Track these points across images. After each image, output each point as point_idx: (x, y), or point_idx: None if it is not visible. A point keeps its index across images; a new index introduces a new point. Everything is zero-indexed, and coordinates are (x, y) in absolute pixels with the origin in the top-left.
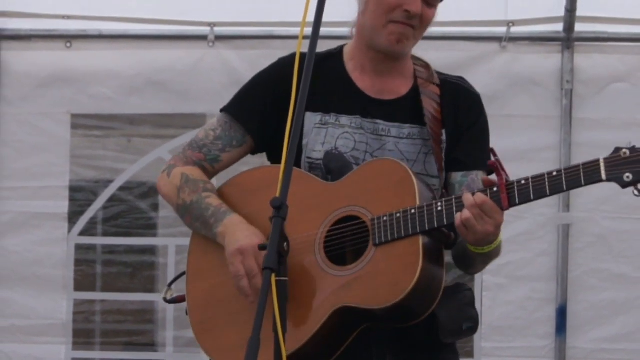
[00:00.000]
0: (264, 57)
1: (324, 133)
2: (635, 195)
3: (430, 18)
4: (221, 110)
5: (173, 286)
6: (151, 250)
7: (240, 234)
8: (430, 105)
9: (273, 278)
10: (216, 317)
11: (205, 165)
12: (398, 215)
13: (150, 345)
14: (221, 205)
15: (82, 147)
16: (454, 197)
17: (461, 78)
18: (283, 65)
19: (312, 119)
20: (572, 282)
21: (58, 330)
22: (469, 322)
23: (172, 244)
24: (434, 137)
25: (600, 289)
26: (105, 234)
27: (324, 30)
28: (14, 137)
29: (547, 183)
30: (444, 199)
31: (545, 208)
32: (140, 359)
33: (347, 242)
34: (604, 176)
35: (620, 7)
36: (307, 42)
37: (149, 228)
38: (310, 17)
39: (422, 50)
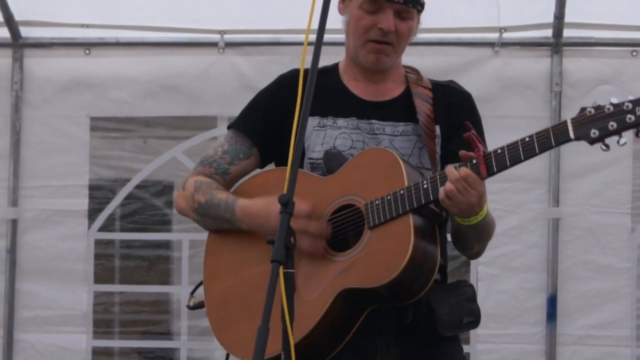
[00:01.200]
0: (271, 63)
1: (322, 134)
2: (603, 149)
3: (405, 31)
4: (228, 127)
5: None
6: (166, 244)
7: (257, 212)
8: (422, 105)
9: (281, 270)
10: (232, 314)
11: (217, 179)
12: (389, 197)
13: (166, 334)
14: (228, 196)
15: (101, 147)
16: (437, 173)
17: (451, 81)
18: (283, 81)
19: (310, 122)
20: (562, 273)
21: (79, 321)
22: (470, 317)
23: (185, 238)
24: (427, 132)
25: (588, 279)
26: (123, 229)
27: (327, 37)
28: (37, 139)
29: (520, 148)
30: (429, 177)
31: (536, 203)
32: (156, 347)
33: (345, 229)
34: (572, 135)
35: (606, 13)
36: (311, 48)
37: (164, 224)
38: (315, 25)
39: (419, 55)
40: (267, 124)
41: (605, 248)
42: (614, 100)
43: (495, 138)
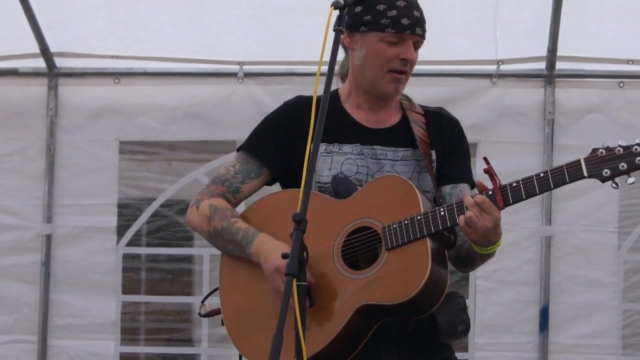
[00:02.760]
0: (286, 92)
1: (329, 160)
2: (613, 187)
3: (416, 60)
4: (238, 150)
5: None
6: (188, 258)
7: (274, 253)
8: (418, 131)
9: (294, 283)
10: (250, 325)
11: (228, 197)
12: (406, 222)
13: (188, 341)
14: (248, 228)
15: (129, 169)
16: (454, 202)
17: (441, 108)
18: (290, 107)
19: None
20: (553, 287)
21: (108, 328)
22: (463, 325)
23: (206, 253)
24: (426, 157)
25: (578, 292)
26: (149, 244)
27: (337, 69)
28: (70, 161)
29: (536, 183)
30: (445, 205)
31: (530, 222)
32: (179, 353)
33: (361, 249)
34: (585, 173)
35: (595, 48)
36: (323, 78)
37: (187, 240)
38: (327, 57)
39: (423, 85)
40: (276, 147)
41: (593, 264)
42: (623, 143)
43: (494, 161)
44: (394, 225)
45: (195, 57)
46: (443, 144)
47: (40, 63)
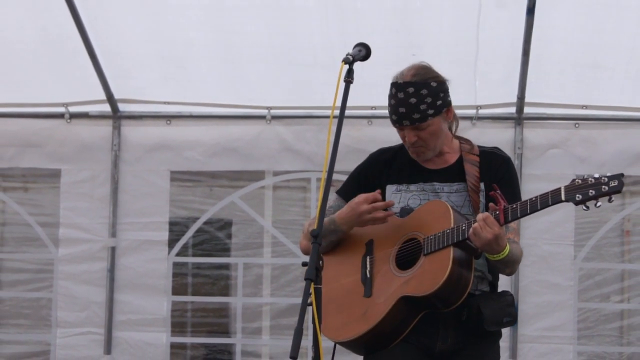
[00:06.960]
0: (306, 131)
1: (399, 196)
2: (584, 209)
3: (428, 136)
4: (336, 192)
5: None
6: (226, 266)
7: (347, 207)
8: (471, 168)
9: (312, 286)
10: (329, 309)
11: None
12: (439, 234)
13: (226, 333)
14: (330, 217)
15: (178, 194)
16: (473, 219)
17: (496, 147)
18: (372, 158)
19: (391, 188)
20: (522, 289)
21: (160, 323)
22: (509, 317)
23: (240, 262)
24: (472, 189)
25: (542, 294)
26: (194, 255)
27: (347, 112)
28: (130, 187)
29: (528, 205)
30: (467, 221)
31: None
32: (218, 342)
33: (410, 254)
34: (563, 197)
35: (556, 95)
36: (335, 120)
37: (225, 251)
38: (338, 103)
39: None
40: (359, 189)
41: (554, 270)
42: (596, 175)
43: None
44: (431, 237)
45: (232, 102)
46: (490, 176)
47: (106, 108)
